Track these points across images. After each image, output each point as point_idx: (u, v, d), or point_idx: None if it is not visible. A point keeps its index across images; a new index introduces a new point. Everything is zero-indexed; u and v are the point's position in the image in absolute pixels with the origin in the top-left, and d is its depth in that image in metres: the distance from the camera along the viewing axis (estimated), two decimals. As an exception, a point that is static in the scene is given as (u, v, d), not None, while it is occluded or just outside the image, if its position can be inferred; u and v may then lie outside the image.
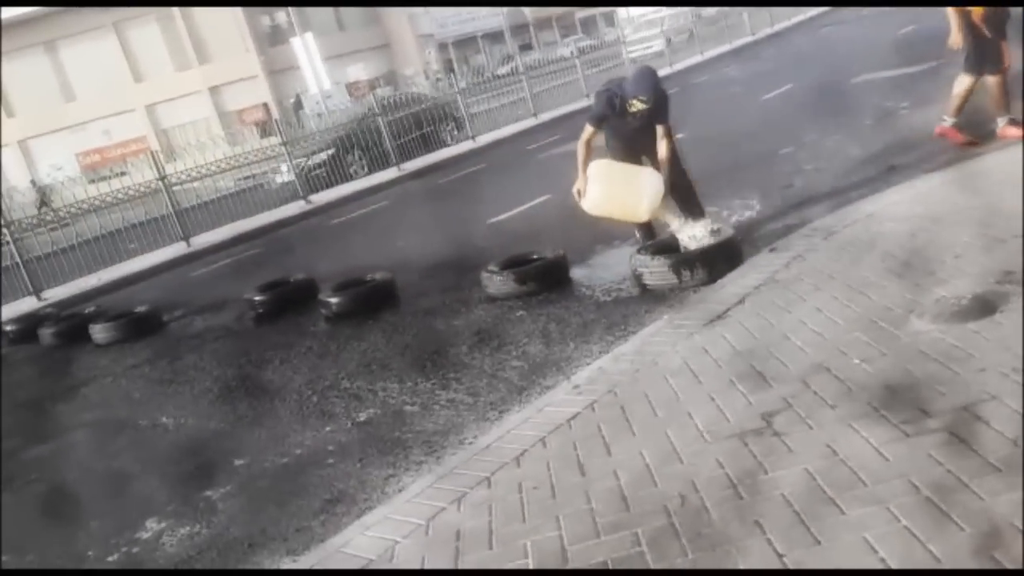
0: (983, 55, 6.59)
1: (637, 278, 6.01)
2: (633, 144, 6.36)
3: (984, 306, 3.74)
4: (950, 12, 6.72)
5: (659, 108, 6.19)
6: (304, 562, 3.55)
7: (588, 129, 6.33)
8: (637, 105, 6.10)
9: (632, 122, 6.24)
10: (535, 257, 6.92)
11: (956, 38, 6.76)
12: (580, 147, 6.32)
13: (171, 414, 6.28)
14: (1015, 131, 6.51)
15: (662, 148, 6.21)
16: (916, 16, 17.72)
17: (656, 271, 5.84)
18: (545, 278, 6.65)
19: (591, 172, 6.28)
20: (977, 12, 6.55)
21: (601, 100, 6.30)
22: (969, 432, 2.86)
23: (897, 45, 15.23)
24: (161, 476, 5.18)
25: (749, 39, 28.23)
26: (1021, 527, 2.25)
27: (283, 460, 4.89)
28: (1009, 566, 2.23)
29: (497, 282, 6.69)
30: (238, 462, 5.03)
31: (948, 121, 6.97)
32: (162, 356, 8.00)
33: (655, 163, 6.31)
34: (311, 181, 16.98)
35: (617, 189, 6.26)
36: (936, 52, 11.16)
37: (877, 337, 3.81)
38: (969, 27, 6.60)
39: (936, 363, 3.41)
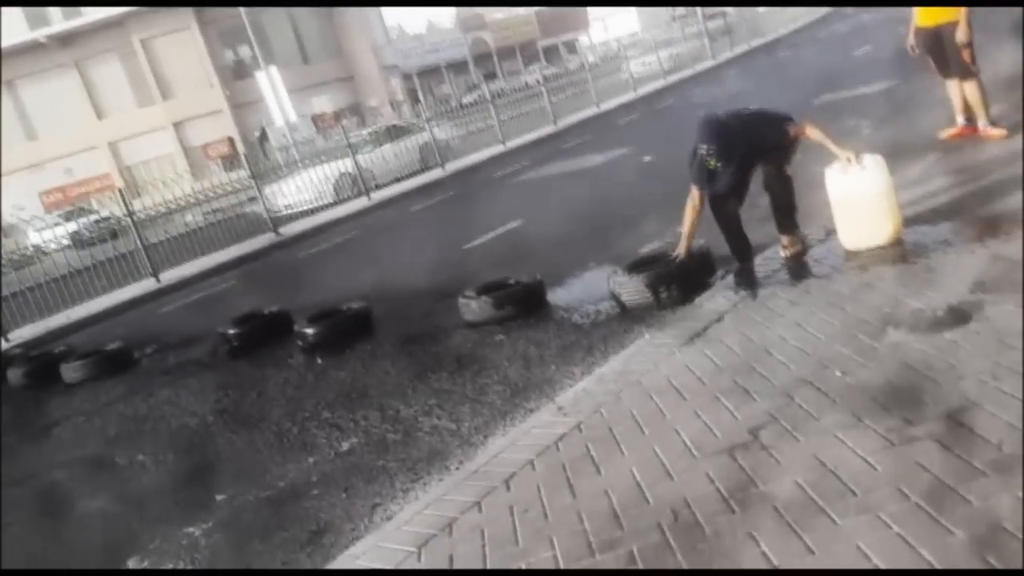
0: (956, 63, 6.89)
1: (616, 298, 6.05)
2: (753, 161, 5.58)
3: (959, 316, 3.81)
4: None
5: (753, 140, 5.40)
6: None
7: (693, 192, 5.58)
8: (712, 163, 5.39)
9: (741, 169, 5.52)
10: (512, 282, 6.94)
11: (913, 40, 7.17)
12: (687, 213, 5.63)
13: (148, 451, 6.18)
14: (997, 131, 6.81)
15: (810, 132, 5.38)
16: (871, 37, 18.16)
17: (633, 289, 5.89)
18: (522, 303, 6.67)
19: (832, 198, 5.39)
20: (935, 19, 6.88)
21: (694, 161, 5.51)
22: (953, 438, 2.91)
23: (854, 66, 15.56)
24: (141, 514, 5.09)
25: (711, 63, 28.69)
26: (1021, 529, 2.27)
27: (266, 493, 4.83)
28: (1002, 568, 2.27)
29: (474, 308, 6.69)
30: (219, 497, 4.97)
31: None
32: (136, 393, 7.88)
33: (769, 166, 5.58)
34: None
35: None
36: (893, 72, 11.46)
37: (857, 349, 3.87)
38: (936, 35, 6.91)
39: (916, 373, 3.47)
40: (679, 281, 5.79)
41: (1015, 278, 4.02)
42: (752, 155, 5.51)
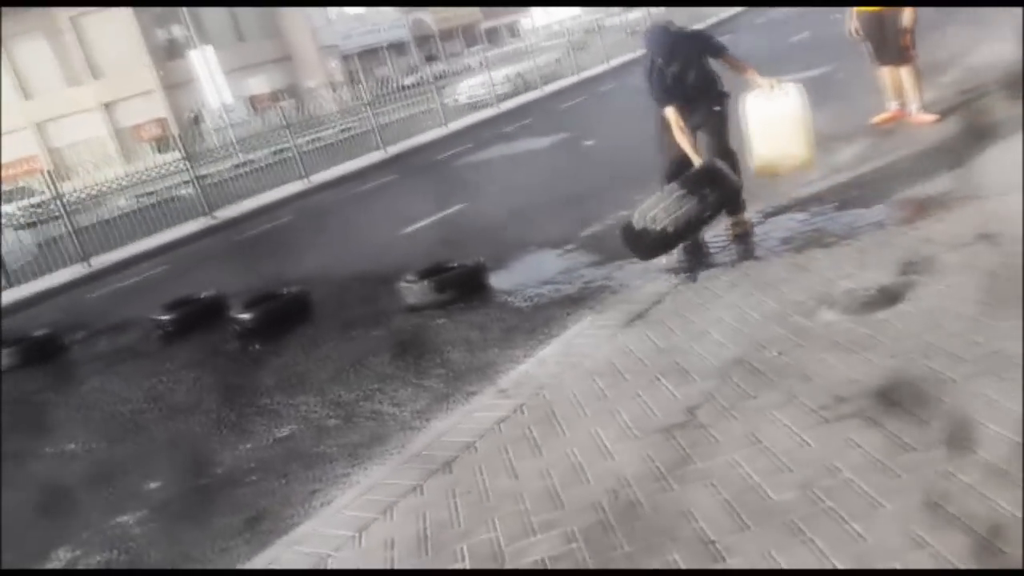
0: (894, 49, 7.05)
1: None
2: (692, 111, 5.70)
3: (890, 296, 3.90)
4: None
5: (696, 55, 5.62)
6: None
7: (667, 112, 5.64)
8: (665, 67, 5.55)
9: (690, 89, 5.65)
10: (453, 265, 6.90)
11: (855, 24, 7.31)
12: (676, 134, 5.63)
13: (79, 439, 6.02)
14: (929, 116, 6.98)
15: (735, 62, 5.69)
16: (808, 23, 18.45)
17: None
18: (464, 286, 6.64)
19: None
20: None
21: (648, 75, 5.67)
22: (883, 415, 2.98)
23: (791, 52, 15.78)
24: (72, 503, 4.95)
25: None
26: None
27: (202, 481, 4.75)
28: (933, 542, 2.33)
29: (416, 291, 6.65)
30: (153, 485, 4.86)
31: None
32: (66, 380, 7.67)
33: (712, 137, 5.73)
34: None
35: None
36: (828, 57, 11.65)
37: (792, 329, 3.94)
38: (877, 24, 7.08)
39: (849, 351, 3.55)
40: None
41: (944, 259, 4.14)
42: (698, 71, 5.68)
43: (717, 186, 5.38)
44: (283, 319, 7.30)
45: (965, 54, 9.00)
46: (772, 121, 5.60)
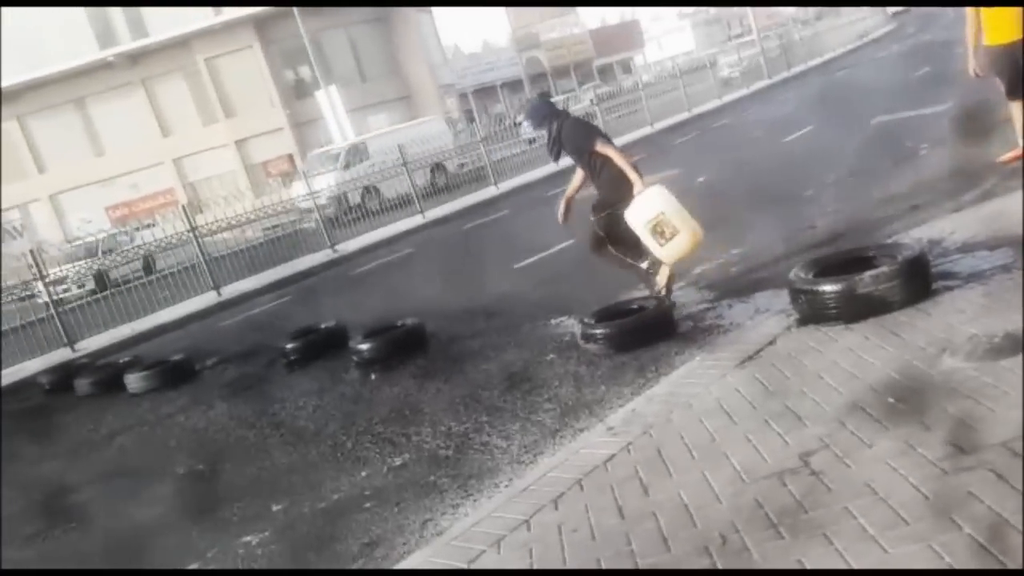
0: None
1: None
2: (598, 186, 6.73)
3: (1016, 343, 3.76)
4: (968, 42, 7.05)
5: (563, 139, 6.54)
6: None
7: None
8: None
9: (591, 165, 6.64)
10: (636, 307, 6.40)
11: (977, 62, 7.17)
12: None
13: (207, 461, 6.36)
14: None
15: (612, 152, 6.41)
16: (930, 58, 17.88)
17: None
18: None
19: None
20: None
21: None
22: (1007, 468, 2.88)
23: (912, 87, 15.33)
24: (199, 522, 5.24)
25: (766, 82, 28.49)
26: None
27: (320, 505, 4.95)
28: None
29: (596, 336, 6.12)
30: (275, 507, 5.09)
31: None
32: (197, 404, 8.11)
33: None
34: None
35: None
36: (951, 93, 11.29)
37: (910, 376, 3.84)
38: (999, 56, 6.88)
39: (971, 400, 3.44)
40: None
41: (1076, 306, 3.96)
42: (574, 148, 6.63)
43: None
44: (399, 350, 7.54)
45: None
46: (647, 223, 6.09)
